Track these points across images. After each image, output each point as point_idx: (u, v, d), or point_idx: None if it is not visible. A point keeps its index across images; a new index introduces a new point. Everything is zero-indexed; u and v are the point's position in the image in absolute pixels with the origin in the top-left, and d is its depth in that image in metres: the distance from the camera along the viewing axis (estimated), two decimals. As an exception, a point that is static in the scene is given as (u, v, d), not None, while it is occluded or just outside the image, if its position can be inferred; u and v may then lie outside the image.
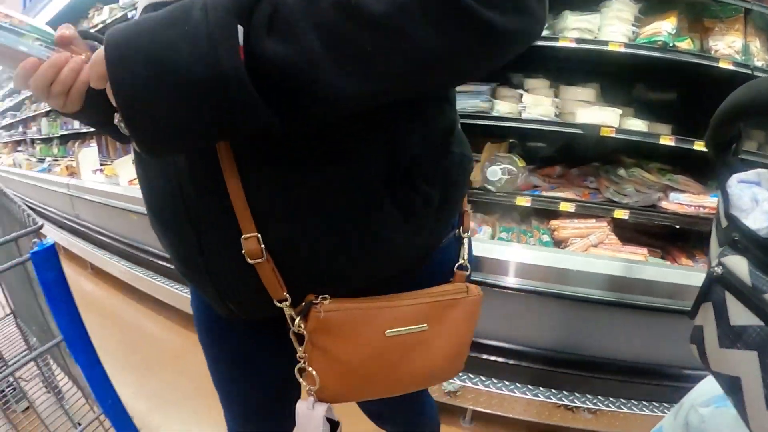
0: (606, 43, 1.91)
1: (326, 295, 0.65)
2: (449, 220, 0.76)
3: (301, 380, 0.70)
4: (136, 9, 3.08)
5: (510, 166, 2.08)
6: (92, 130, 4.62)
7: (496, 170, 2.09)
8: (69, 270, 1.49)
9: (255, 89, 0.46)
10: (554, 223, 2.13)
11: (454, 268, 0.79)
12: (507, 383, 1.80)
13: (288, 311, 0.65)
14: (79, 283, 3.67)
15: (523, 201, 2.02)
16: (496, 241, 2.00)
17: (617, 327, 1.73)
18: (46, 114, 6.92)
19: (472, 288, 0.79)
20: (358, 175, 0.61)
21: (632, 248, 1.98)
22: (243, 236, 0.60)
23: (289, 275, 0.64)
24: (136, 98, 0.47)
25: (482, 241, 1.95)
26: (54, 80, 0.54)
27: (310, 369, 0.67)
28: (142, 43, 0.46)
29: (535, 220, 2.25)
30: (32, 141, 7.80)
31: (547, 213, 2.19)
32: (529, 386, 1.78)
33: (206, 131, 0.50)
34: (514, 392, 1.76)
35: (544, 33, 2.01)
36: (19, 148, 8.46)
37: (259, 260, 0.61)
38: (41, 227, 0.61)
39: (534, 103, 2.06)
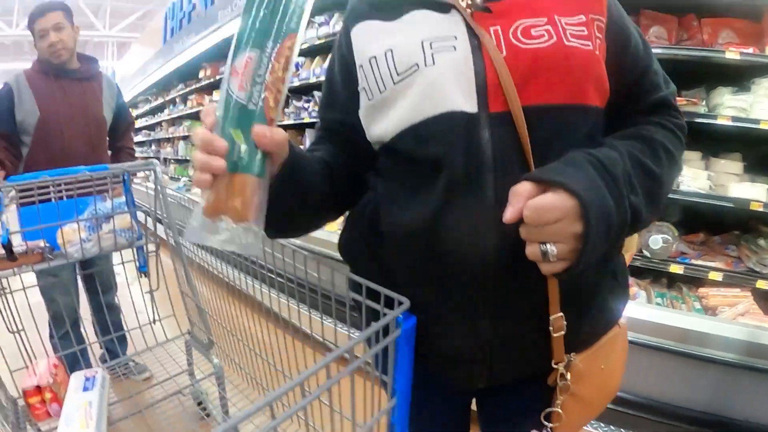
0: (758, 121, 2.03)
1: (573, 352, 0.81)
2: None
3: (546, 423, 0.84)
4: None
5: (667, 235, 2.20)
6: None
7: (657, 239, 2.20)
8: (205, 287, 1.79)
9: None
10: (703, 290, 2.23)
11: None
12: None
13: (561, 369, 0.78)
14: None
15: (676, 268, 2.14)
16: (656, 306, 2.13)
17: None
18: (184, 138, 7.69)
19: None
20: (617, 267, 0.85)
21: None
22: (552, 316, 0.73)
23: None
24: (596, 245, 0.64)
25: (642, 305, 2.11)
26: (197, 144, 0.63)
27: (559, 411, 0.82)
28: (602, 207, 0.64)
29: (684, 286, 2.35)
30: (165, 160, 8.56)
31: (693, 279, 2.28)
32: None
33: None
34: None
35: (702, 110, 2.17)
36: (151, 165, 9.31)
37: (561, 333, 0.75)
38: (408, 306, 0.73)
39: (692, 176, 2.17)
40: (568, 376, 0.78)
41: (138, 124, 10.46)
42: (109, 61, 18.56)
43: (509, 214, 0.63)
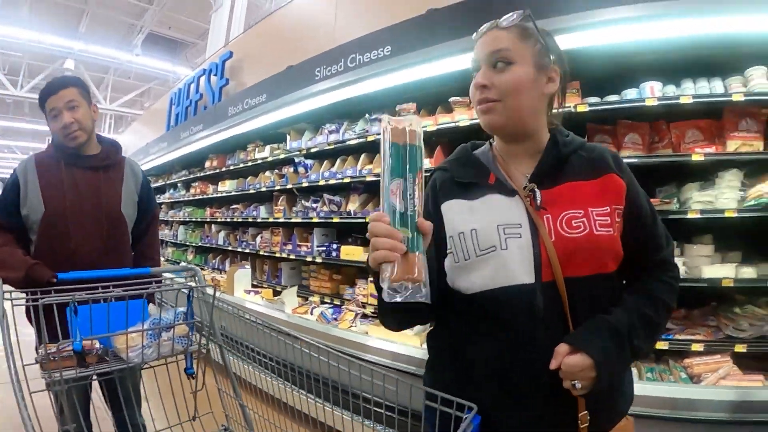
0: (722, 210, 2.43)
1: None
2: None
3: None
4: (298, 154, 3.78)
5: None
6: (238, 250, 5.57)
7: None
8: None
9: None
10: (687, 361, 2.50)
11: None
12: None
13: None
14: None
15: (662, 345, 2.42)
16: (647, 381, 2.43)
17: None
18: (184, 223, 7.94)
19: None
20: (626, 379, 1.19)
21: (752, 376, 2.35)
22: (580, 414, 1.03)
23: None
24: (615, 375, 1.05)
25: (634, 381, 2.35)
26: (376, 236, 0.88)
27: None
28: (609, 362, 1.01)
29: (670, 359, 2.61)
30: (163, 242, 8.70)
31: (678, 352, 2.56)
32: None
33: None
34: None
35: (674, 208, 2.57)
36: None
37: (585, 425, 1.04)
38: (476, 410, 0.96)
39: (669, 264, 2.55)
40: None
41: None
42: (105, 133, 19.16)
43: (552, 365, 1.00)
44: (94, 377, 1.80)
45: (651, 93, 2.63)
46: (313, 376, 1.56)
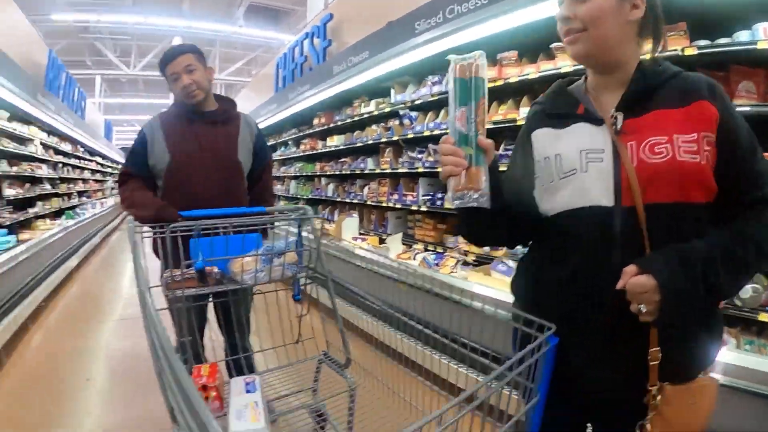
0: None
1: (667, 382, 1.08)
2: None
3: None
4: (403, 106, 3.89)
5: (757, 285, 2.33)
6: (347, 201, 5.95)
7: (747, 288, 2.30)
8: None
9: None
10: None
11: None
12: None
13: (654, 391, 1.08)
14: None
15: (766, 317, 2.27)
16: (744, 352, 2.26)
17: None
18: (295, 178, 8.48)
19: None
20: (713, 323, 1.17)
21: None
22: (651, 349, 1.06)
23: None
24: (681, 302, 1.03)
25: (731, 350, 2.21)
26: (444, 155, 1.07)
27: (648, 425, 1.09)
28: (676, 288, 1.00)
29: None
30: (276, 196, 9.18)
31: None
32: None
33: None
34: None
35: None
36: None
37: (656, 362, 1.06)
38: (554, 330, 1.04)
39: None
40: (659, 398, 1.08)
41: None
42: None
43: (619, 285, 1.03)
44: (211, 299, 2.09)
45: (765, 35, 2.37)
46: (409, 316, 1.70)
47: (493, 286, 3.15)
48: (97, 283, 7.22)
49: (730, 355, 2.08)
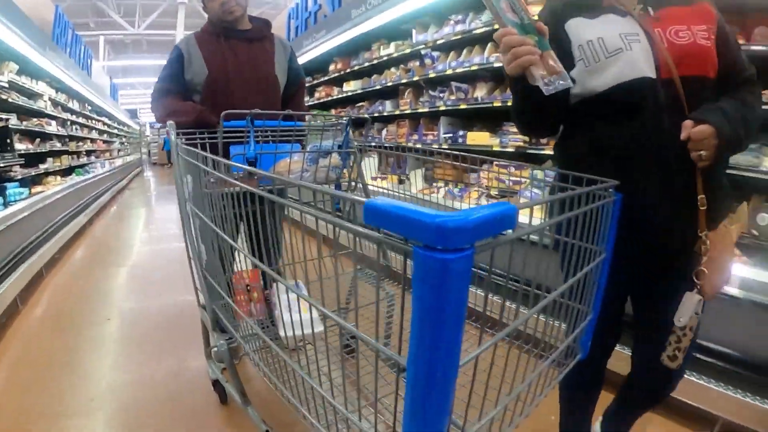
0: None
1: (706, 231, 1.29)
2: None
3: (696, 279, 1.29)
4: (424, 46, 3.83)
5: None
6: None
7: (765, 216, 2.42)
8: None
9: None
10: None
11: None
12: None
13: (704, 237, 1.29)
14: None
15: None
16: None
17: None
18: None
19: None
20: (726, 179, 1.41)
21: None
22: (699, 196, 1.26)
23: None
24: (730, 144, 1.25)
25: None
26: (513, 47, 1.10)
27: (704, 269, 1.28)
28: (727, 132, 1.20)
29: None
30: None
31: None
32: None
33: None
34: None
35: None
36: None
37: (704, 208, 1.26)
38: (617, 184, 1.21)
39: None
40: (708, 242, 1.28)
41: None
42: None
43: (683, 136, 1.21)
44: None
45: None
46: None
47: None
48: (111, 234, 7.31)
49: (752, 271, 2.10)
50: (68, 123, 9.08)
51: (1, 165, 4.99)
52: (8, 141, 5.25)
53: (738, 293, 2.06)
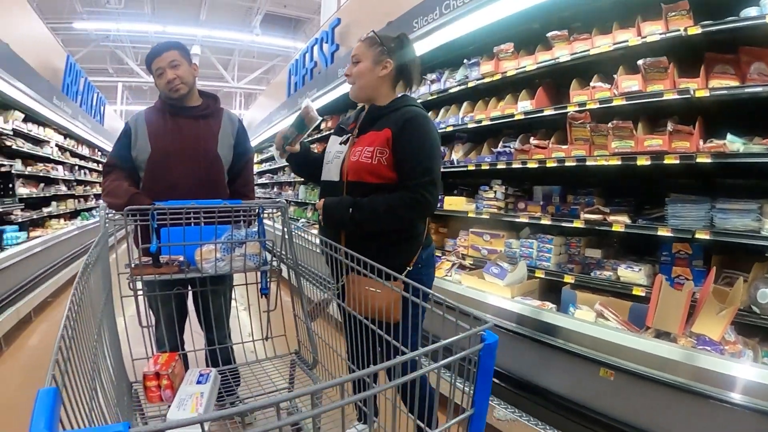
0: None
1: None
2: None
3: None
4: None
5: None
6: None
7: (766, 293, 2.01)
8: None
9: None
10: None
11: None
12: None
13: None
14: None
15: None
16: (762, 366, 1.89)
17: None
18: (304, 183, 8.48)
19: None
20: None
21: None
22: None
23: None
24: (328, 218, 1.98)
25: (748, 364, 1.89)
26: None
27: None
28: (332, 208, 1.96)
29: None
30: (287, 201, 9.24)
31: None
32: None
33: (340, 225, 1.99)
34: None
35: None
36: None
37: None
38: (491, 326, 0.92)
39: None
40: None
41: (262, 168, 11.57)
42: (236, 110, 20.70)
43: (317, 206, 2.04)
44: (189, 288, 2.10)
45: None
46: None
47: (485, 289, 3.13)
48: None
49: (749, 371, 1.82)
50: (76, 168, 9.26)
51: (0, 210, 5.06)
52: (10, 186, 5.36)
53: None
